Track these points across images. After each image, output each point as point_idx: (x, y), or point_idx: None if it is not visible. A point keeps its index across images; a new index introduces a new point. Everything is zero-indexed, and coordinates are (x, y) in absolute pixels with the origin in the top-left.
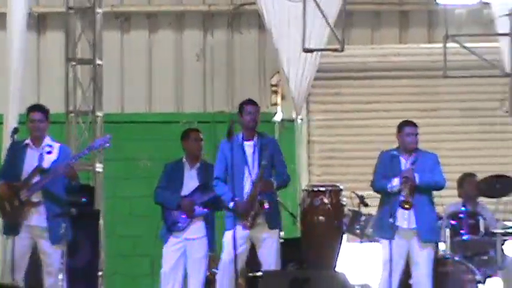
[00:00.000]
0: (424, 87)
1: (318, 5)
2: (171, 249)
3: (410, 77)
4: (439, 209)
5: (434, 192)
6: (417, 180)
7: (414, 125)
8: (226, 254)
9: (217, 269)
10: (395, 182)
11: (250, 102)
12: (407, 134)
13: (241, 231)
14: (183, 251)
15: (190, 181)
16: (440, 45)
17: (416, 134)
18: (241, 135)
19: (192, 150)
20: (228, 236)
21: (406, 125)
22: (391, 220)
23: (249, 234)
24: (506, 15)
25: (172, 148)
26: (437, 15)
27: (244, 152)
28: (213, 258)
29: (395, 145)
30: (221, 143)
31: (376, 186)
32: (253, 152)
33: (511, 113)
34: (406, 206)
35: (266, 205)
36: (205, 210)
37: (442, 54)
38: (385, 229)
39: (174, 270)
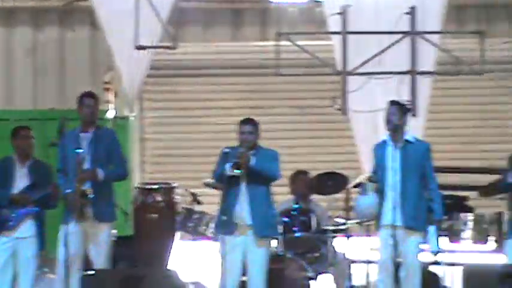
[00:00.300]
0: (258, 85)
1: (150, 2)
2: (0, 249)
3: (244, 74)
4: None
5: None
6: (252, 162)
7: (251, 123)
8: (60, 251)
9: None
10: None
11: (89, 94)
12: (242, 132)
13: (74, 225)
14: (12, 251)
15: (21, 179)
16: (273, 43)
17: (253, 132)
18: (79, 127)
19: (22, 148)
20: (61, 231)
21: (242, 123)
22: (224, 218)
23: (82, 228)
24: (338, 13)
25: (2, 146)
26: (270, 14)
27: (79, 145)
28: (43, 258)
29: (229, 143)
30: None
31: (215, 176)
32: (89, 144)
33: (343, 111)
34: (236, 169)
35: (89, 194)
36: (36, 208)
37: (275, 52)
38: (222, 225)
39: (3, 270)
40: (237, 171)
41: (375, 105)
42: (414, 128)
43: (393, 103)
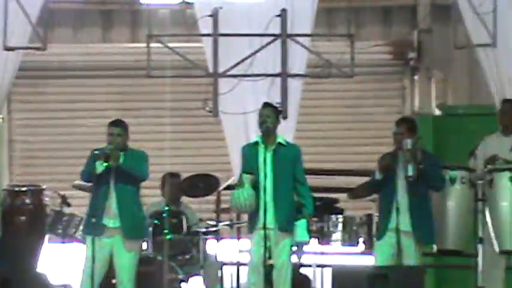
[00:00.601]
0: (129, 87)
1: (19, 3)
2: None
3: (115, 76)
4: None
5: None
6: (121, 160)
7: (120, 124)
8: None
9: None
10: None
11: None
12: (111, 134)
13: None
14: None
15: None
16: (144, 45)
17: (122, 134)
18: None
19: None
20: None
21: (110, 125)
22: (93, 219)
23: None
24: (209, 15)
25: None
26: (141, 15)
27: None
28: None
29: (100, 145)
30: None
31: (83, 176)
32: None
33: (214, 113)
34: (105, 160)
35: None
36: None
37: (146, 54)
38: (90, 227)
39: None
40: (105, 164)
41: (246, 107)
42: (284, 130)
43: (267, 105)
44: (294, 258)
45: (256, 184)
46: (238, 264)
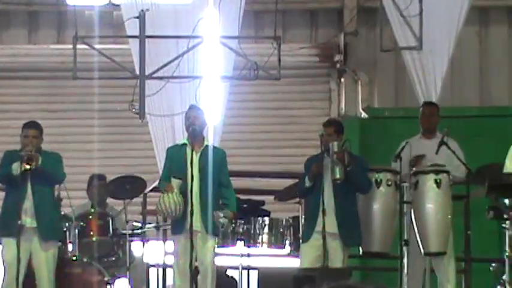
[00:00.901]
0: (54, 88)
1: None
2: None
3: (40, 77)
4: (67, 210)
5: (63, 193)
6: (39, 162)
7: (35, 126)
8: None
9: None
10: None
11: None
12: (26, 136)
13: None
14: None
15: None
16: (71, 46)
17: (37, 136)
18: None
19: None
20: None
21: (25, 127)
22: (19, 222)
23: None
24: (135, 17)
25: None
26: (67, 16)
27: None
28: None
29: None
30: None
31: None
32: None
33: (141, 115)
34: (27, 163)
35: None
36: None
37: (72, 56)
38: (10, 227)
39: None
40: (27, 166)
41: (173, 109)
42: (211, 133)
43: (195, 107)
44: (220, 261)
45: (183, 187)
46: (164, 266)
